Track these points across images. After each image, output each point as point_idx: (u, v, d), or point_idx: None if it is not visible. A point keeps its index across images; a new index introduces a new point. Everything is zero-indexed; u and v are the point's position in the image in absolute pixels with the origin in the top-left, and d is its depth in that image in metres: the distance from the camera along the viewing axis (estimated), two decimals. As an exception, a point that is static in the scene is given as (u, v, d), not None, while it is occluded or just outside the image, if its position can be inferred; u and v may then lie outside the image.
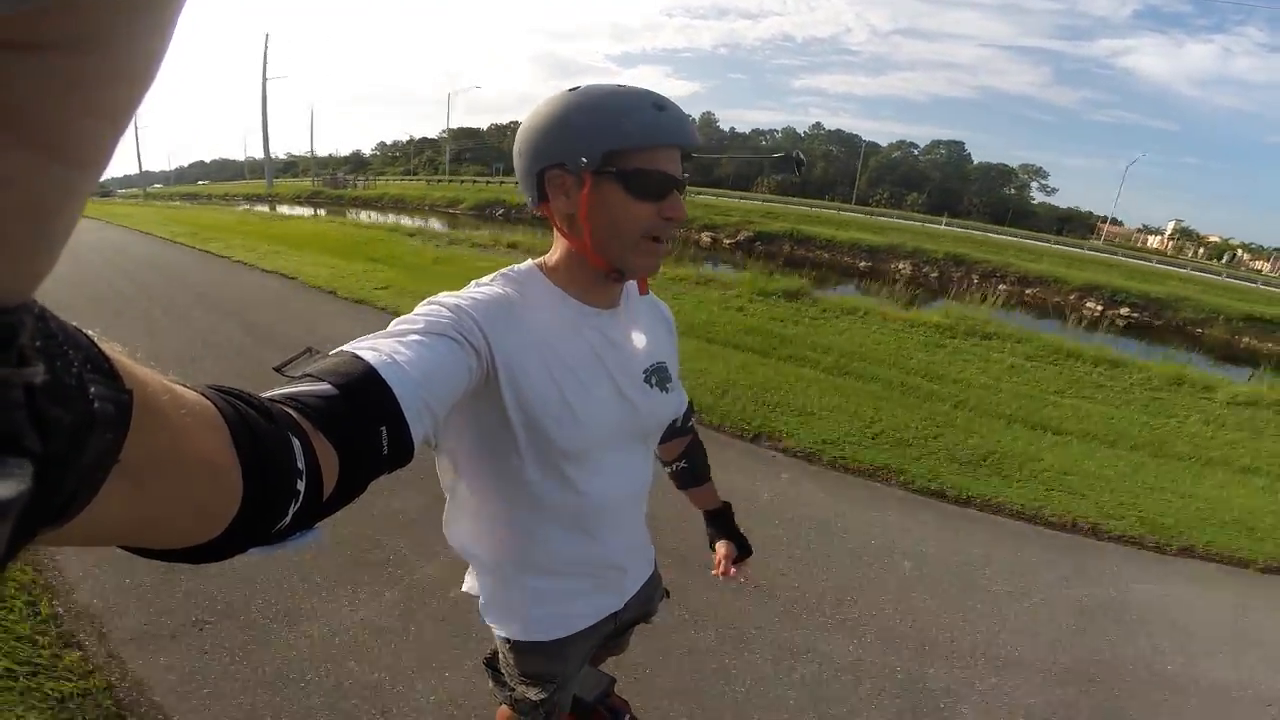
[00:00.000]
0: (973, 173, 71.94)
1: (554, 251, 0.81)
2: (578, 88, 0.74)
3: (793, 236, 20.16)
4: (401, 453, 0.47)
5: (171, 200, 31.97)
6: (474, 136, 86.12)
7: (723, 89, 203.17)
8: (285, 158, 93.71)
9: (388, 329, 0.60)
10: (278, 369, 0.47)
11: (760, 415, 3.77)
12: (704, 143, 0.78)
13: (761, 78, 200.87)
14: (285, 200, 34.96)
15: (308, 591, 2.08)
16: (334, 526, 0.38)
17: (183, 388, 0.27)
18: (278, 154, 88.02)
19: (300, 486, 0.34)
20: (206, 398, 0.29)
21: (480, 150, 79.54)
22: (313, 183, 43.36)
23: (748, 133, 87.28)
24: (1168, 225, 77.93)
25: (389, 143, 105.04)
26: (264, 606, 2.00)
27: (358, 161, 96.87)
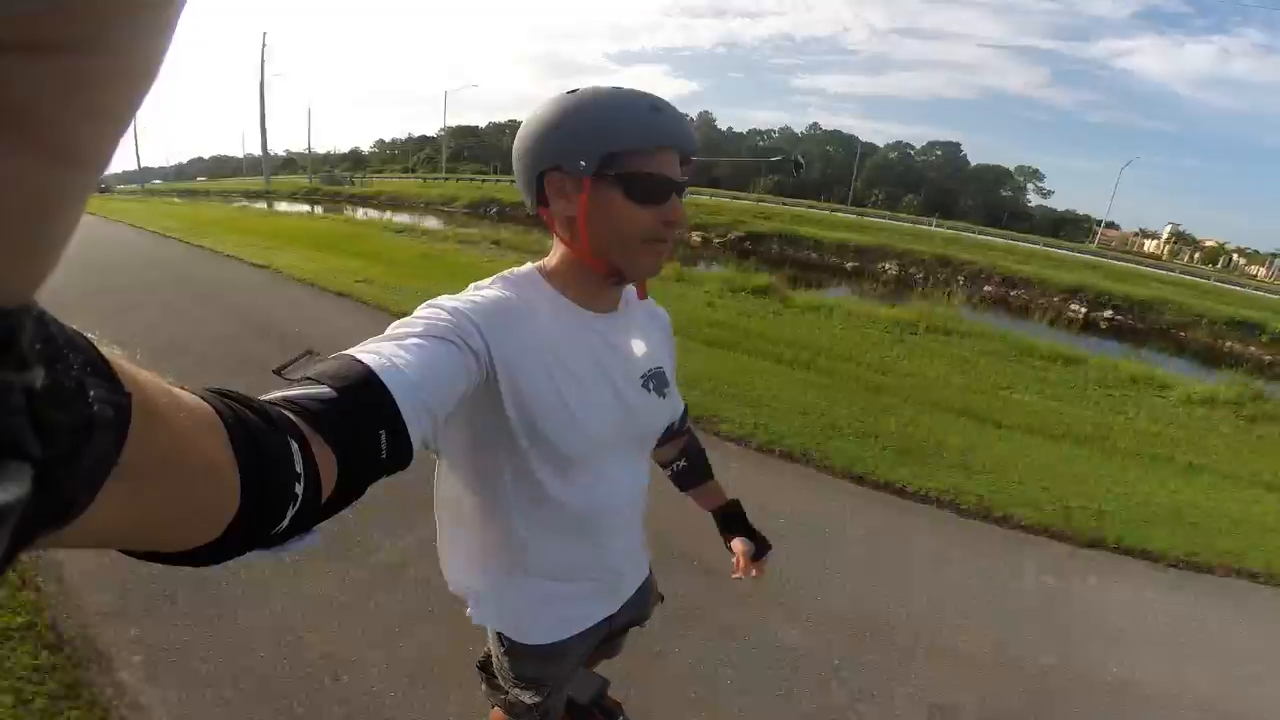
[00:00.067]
0: (969, 174, 72.23)
1: (553, 255, 0.81)
2: (576, 90, 0.74)
3: (782, 237, 20.34)
4: (400, 455, 0.47)
5: (170, 197, 31.94)
6: (473, 135, 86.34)
7: (722, 88, 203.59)
8: (284, 155, 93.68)
9: (386, 332, 0.60)
10: (277, 371, 0.47)
11: (710, 403, 3.91)
12: (702, 143, 0.78)
13: (761, 77, 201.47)
14: (282, 197, 34.90)
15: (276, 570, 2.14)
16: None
17: (181, 390, 0.27)
18: (277, 151, 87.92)
19: (298, 489, 0.34)
20: (205, 400, 0.29)
21: (478, 148, 79.75)
22: (310, 180, 43.43)
23: (745, 133, 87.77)
24: (1164, 229, 78.14)
25: (388, 140, 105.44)
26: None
27: (356, 159, 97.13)
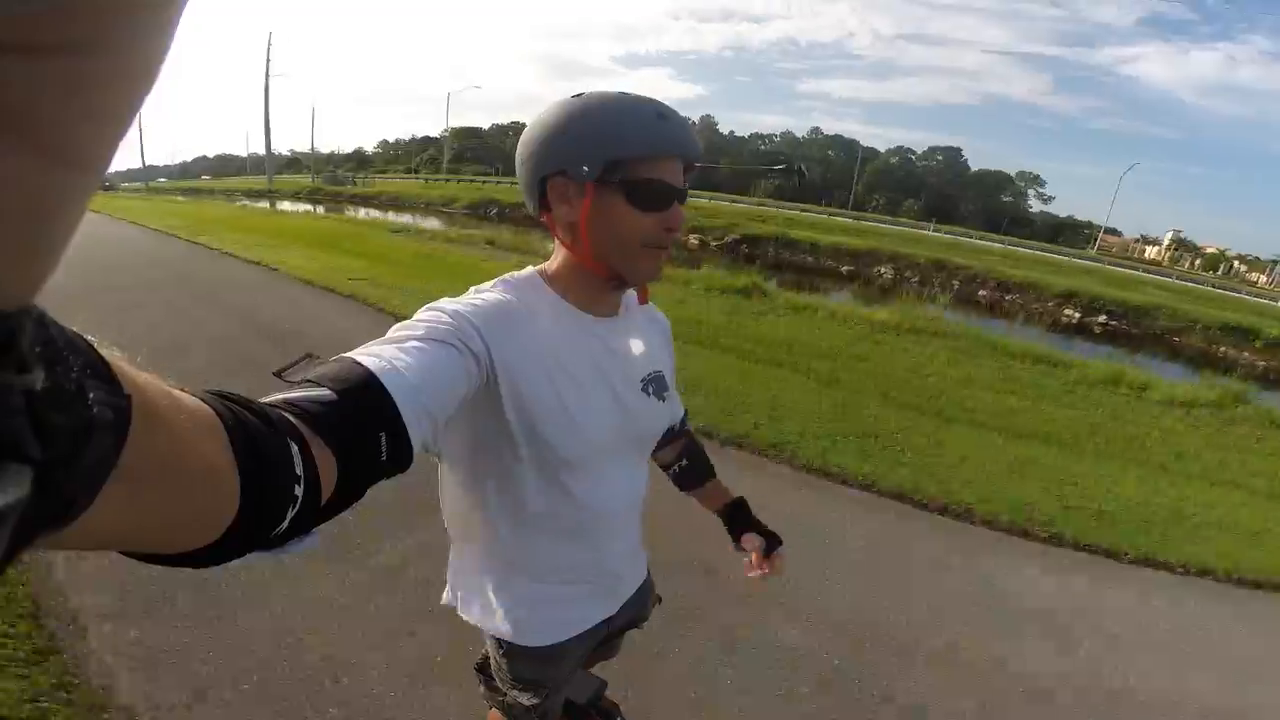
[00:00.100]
0: (969, 180, 72.32)
1: (554, 259, 0.82)
2: (582, 94, 0.74)
3: (777, 240, 20.47)
4: (400, 458, 0.47)
5: (174, 195, 32.21)
6: (476, 136, 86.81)
7: (728, 92, 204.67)
8: (288, 154, 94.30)
9: (387, 335, 0.60)
10: (277, 374, 0.46)
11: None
12: (704, 146, 0.79)
13: (767, 81, 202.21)
14: (285, 196, 35.17)
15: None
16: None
17: (181, 392, 0.27)
18: (281, 150, 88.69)
19: (298, 491, 0.34)
20: (205, 402, 0.29)
21: (481, 150, 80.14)
22: (312, 180, 43.75)
23: (746, 136, 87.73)
24: (1165, 235, 78.05)
25: (392, 141, 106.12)
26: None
27: (360, 159, 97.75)
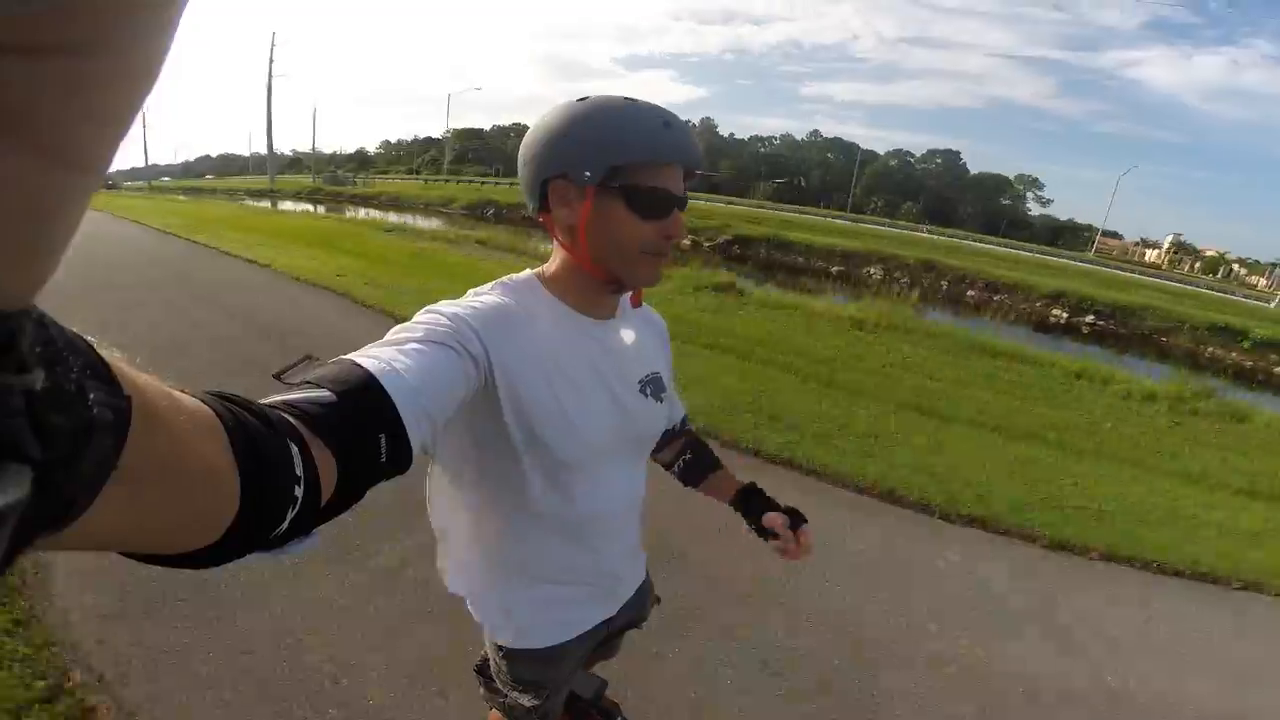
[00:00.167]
0: (968, 182, 72.44)
1: (552, 261, 0.82)
2: (587, 98, 0.74)
3: (770, 241, 20.65)
4: (400, 459, 0.48)
5: (176, 194, 32.47)
6: (478, 137, 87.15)
7: (730, 94, 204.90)
8: (290, 154, 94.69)
9: (386, 337, 0.61)
10: (277, 376, 0.47)
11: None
12: (703, 149, 0.79)
13: (769, 84, 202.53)
14: (286, 196, 35.39)
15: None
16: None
17: (180, 393, 0.27)
18: (283, 150, 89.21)
19: (298, 492, 0.34)
20: (205, 403, 0.29)
21: (483, 151, 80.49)
22: (313, 180, 44.06)
23: (746, 139, 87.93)
24: (1165, 239, 78.04)
25: (394, 141, 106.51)
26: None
27: (362, 159, 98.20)
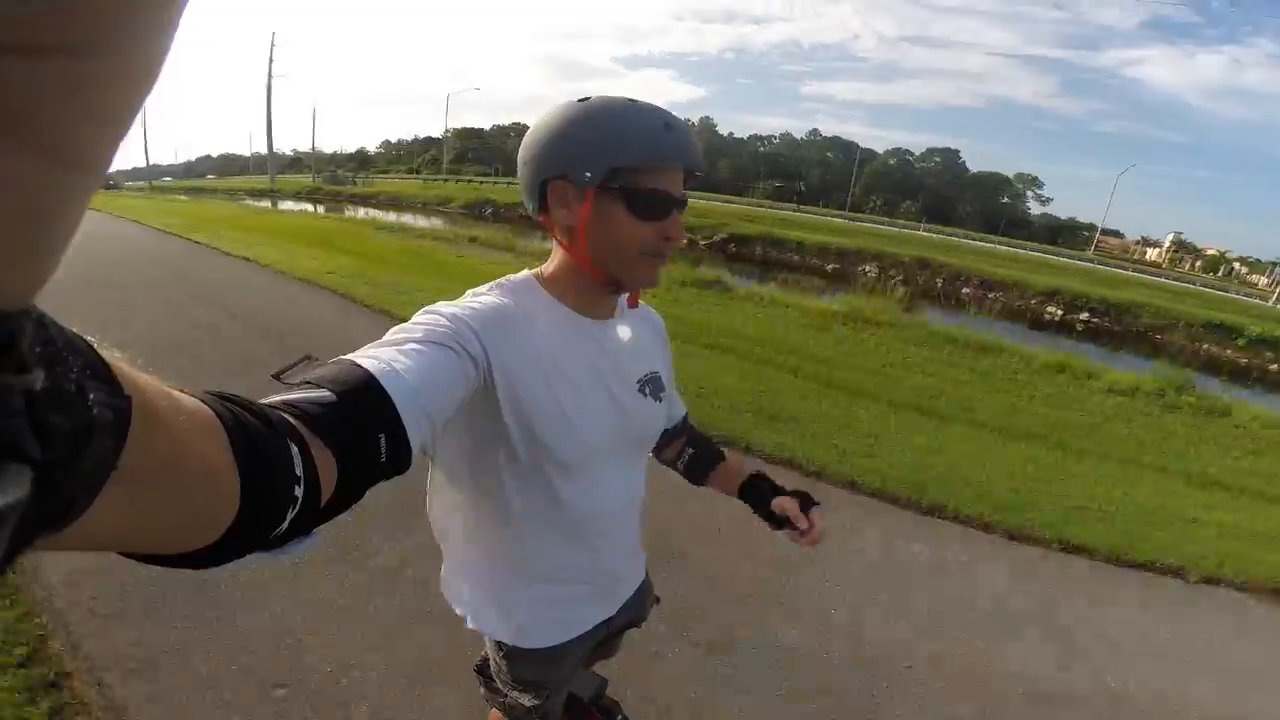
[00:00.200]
0: (967, 181, 72.40)
1: (551, 261, 0.82)
2: (588, 99, 0.74)
3: (765, 240, 20.75)
4: (400, 459, 0.48)
5: (176, 194, 32.57)
6: (477, 137, 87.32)
7: (731, 94, 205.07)
8: (291, 154, 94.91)
9: (385, 338, 0.61)
10: (276, 376, 0.47)
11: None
12: (703, 149, 0.79)
13: (770, 83, 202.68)
14: (286, 196, 35.50)
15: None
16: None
17: (180, 393, 0.27)
18: (284, 150, 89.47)
19: (298, 492, 0.34)
20: (205, 403, 0.29)
21: (483, 150, 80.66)
22: (313, 179, 44.22)
23: (745, 138, 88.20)
24: (1166, 238, 77.86)
25: (394, 141, 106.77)
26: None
27: (362, 159, 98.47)
